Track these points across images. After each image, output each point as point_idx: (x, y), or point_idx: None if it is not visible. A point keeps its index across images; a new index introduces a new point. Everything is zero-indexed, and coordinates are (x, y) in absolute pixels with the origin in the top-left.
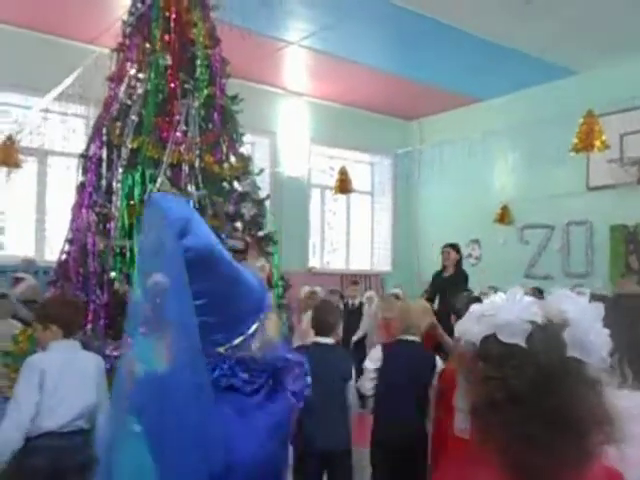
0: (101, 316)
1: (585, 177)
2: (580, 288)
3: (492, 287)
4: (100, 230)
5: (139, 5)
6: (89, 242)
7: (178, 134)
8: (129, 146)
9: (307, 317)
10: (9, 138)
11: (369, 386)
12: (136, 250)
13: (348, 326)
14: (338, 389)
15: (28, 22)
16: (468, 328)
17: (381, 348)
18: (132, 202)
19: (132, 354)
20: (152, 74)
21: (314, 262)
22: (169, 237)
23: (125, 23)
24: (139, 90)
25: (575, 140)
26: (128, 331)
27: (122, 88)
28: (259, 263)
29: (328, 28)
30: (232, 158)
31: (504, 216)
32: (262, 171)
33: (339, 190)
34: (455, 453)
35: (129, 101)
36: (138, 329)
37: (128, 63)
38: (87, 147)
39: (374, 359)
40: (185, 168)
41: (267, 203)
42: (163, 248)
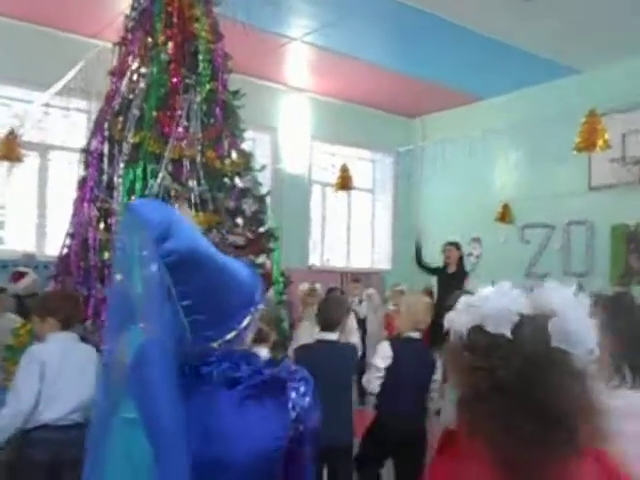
0: (102, 310)
1: (587, 176)
2: (580, 282)
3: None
4: (101, 225)
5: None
6: (90, 237)
7: (180, 129)
8: (130, 141)
9: (308, 314)
10: (11, 132)
11: (377, 383)
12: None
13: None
14: (343, 386)
15: (30, 15)
16: (456, 319)
17: (389, 345)
18: (133, 197)
19: (125, 345)
20: (154, 69)
21: (314, 259)
22: (149, 245)
23: (127, 17)
24: (141, 84)
25: (577, 139)
26: (123, 324)
27: (124, 82)
28: (260, 259)
29: (330, 25)
30: (233, 154)
31: (505, 215)
32: (264, 167)
33: (340, 187)
34: (446, 446)
35: (131, 95)
36: (137, 323)
37: (130, 57)
38: (88, 142)
39: (384, 357)
40: (186, 163)
41: (268, 199)
42: (140, 256)
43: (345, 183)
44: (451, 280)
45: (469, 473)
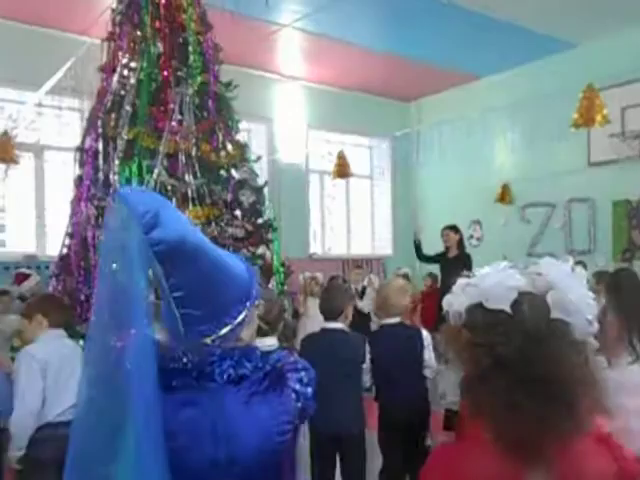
0: None
1: (586, 153)
2: (583, 260)
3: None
4: (100, 223)
5: None
6: (89, 235)
7: (173, 123)
8: (125, 137)
9: (311, 303)
10: (5, 134)
11: (365, 378)
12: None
13: (354, 310)
14: (350, 373)
15: (16, 14)
16: (453, 300)
17: (366, 340)
18: None
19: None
20: (144, 63)
21: (315, 248)
22: (135, 234)
23: (114, 11)
24: (132, 80)
25: (575, 115)
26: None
27: (115, 78)
28: (259, 251)
29: (321, 9)
30: (229, 146)
31: (505, 195)
32: (259, 158)
33: (338, 175)
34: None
35: (122, 91)
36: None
37: (120, 53)
38: (83, 140)
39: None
40: (182, 157)
41: (265, 190)
42: (126, 247)
43: (343, 171)
44: (453, 264)
45: (470, 458)
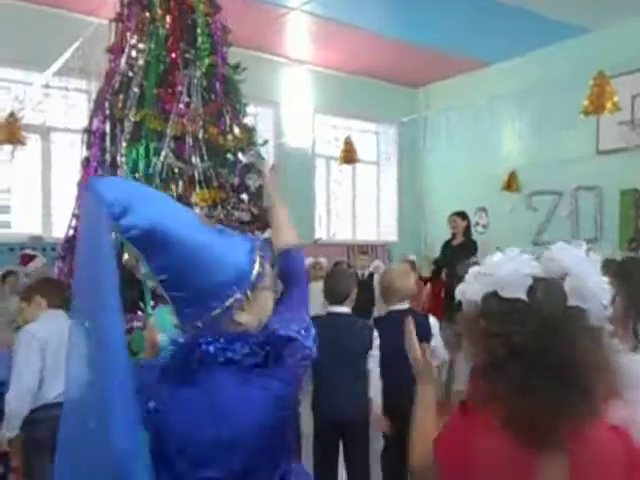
0: None
1: (595, 141)
2: (589, 248)
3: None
4: None
5: None
6: None
7: (181, 105)
8: (132, 119)
9: (313, 288)
10: (11, 115)
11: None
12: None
13: (359, 296)
14: (355, 359)
15: None
16: (467, 288)
17: (374, 323)
18: (137, 175)
19: (152, 325)
20: (152, 44)
21: (320, 233)
22: (102, 222)
23: None
24: (140, 61)
25: (585, 102)
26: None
27: (122, 60)
28: (266, 234)
29: None
30: (236, 129)
31: (511, 183)
32: (266, 142)
33: (344, 160)
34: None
35: (130, 73)
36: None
37: (128, 34)
38: (90, 122)
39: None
40: (189, 140)
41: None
42: (96, 235)
43: (349, 156)
44: (458, 251)
45: (484, 441)
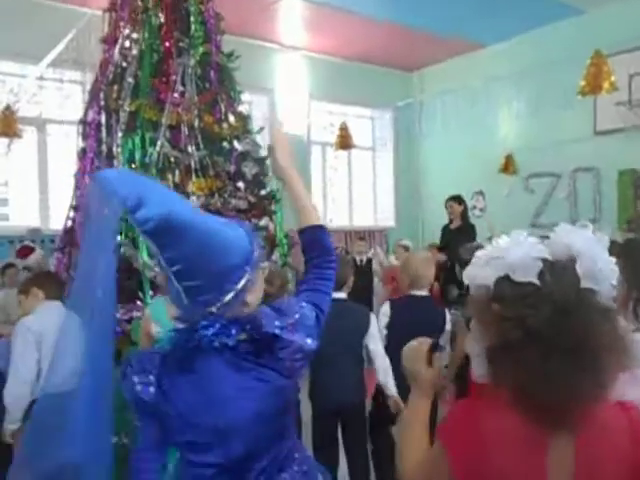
0: None
1: (592, 121)
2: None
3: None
4: None
5: None
6: None
7: (176, 95)
8: (127, 109)
9: None
10: (7, 108)
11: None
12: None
13: (357, 283)
14: (353, 344)
15: None
16: (477, 273)
17: (389, 304)
18: (134, 166)
19: (148, 316)
20: (146, 34)
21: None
22: (115, 216)
23: None
24: (134, 51)
25: (582, 82)
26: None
27: (116, 50)
28: (262, 222)
29: None
30: (231, 117)
31: (508, 166)
32: (262, 129)
33: (340, 146)
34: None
35: (124, 63)
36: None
37: (121, 23)
38: (85, 113)
39: (383, 314)
40: (184, 129)
41: (268, 162)
42: (110, 228)
43: (345, 142)
44: (456, 235)
45: (494, 420)
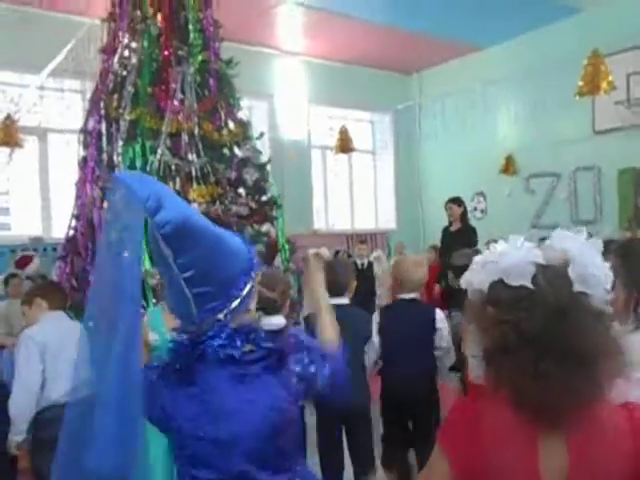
0: None
1: (591, 121)
2: (588, 230)
3: (491, 241)
4: (105, 204)
5: None
6: (95, 216)
7: (175, 103)
8: (127, 118)
9: None
10: (8, 117)
11: (372, 355)
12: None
13: (359, 287)
14: (355, 348)
15: None
16: (473, 277)
17: (379, 311)
18: None
19: (145, 324)
20: (145, 42)
21: (319, 224)
22: (139, 217)
23: None
24: (133, 60)
25: (580, 83)
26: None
27: (115, 59)
28: (264, 228)
29: None
30: (230, 124)
31: (509, 167)
32: (262, 135)
33: (340, 150)
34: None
35: (124, 72)
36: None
37: (120, 33)
38: (86, 122)
39: (374, 323)
40: (184, 137)
41: (268, 167)
42: (131, 229)
43: (345, 146)
44: (455, 238)
45: (491, 417)
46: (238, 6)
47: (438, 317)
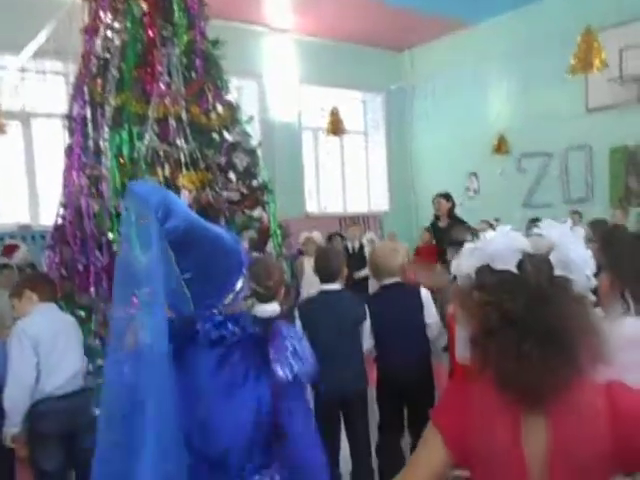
0: (103, 278)
1: (584, 98)
2: (579, 210)
3: (485, 221)
4: (93, 192)
5: None
6: (83, 205)
7: (161, 86)
8: (113, 103)
9: (307, 263)
10: None
11: (368, 342)
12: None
13: (350, 268)
14: (350, 332)
15: None
16: (462, 263)
17: (366, 300)
18: (122, 161)
19: (138, 318)
20: (128, 23)
21: (311, 206)
22: (154, 225)
23: None
24: (116, 42)
25: (573, 61)
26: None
27: (98, 41)
28: (256, 213)
29: None
30: (219, 107)
31: (501, 146)
32: (251, 119)
33: (331, 132)
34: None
35: (107, 54)
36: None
37: (101, 12)
38: (70, 107)
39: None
40: (172, 122)
41: (259, 151)
42: (149, 234)
43: (336, 128)
44: (444, 234)
45: (477, 398)
46: None
47: (423, 294)
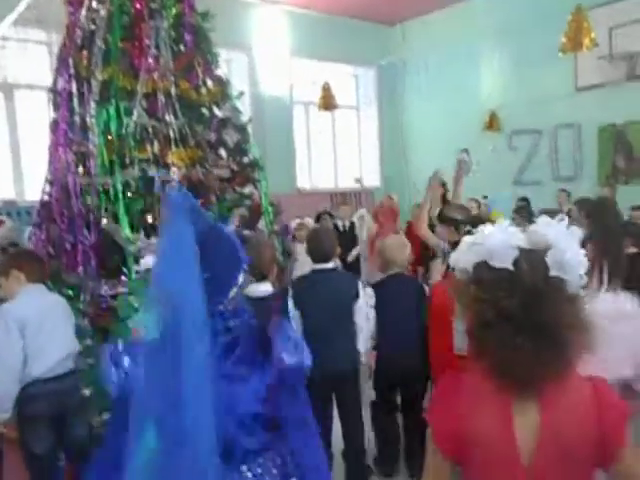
0: (91, 257)
1: (573, 77)
2: (567, 189)
3: (473, 199)
4: (80, 169)
5: None
6: (70, 182)
7: (150, 60)
8: (99, 77)
9: (299, 249)
10: None
11: (367, 332)
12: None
13: (342, 248)
14: (344, 312)
15: None
16: (460, 257)
17: (371, 287)
18: (110, 137)
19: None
20: None
21: (302, 182)
22: (190, 230)
23: None
24: (102, 12)
25: (563, 40)
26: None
27: (83, 12)
28: (247, 190)
29: None
30: (209, 82)
31: (492, 123)
32: (242, 94)
33: (323, 107)
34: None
35: (93, 26)
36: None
37: None
38: (54, 81)
39: (369, 297)
40: (161, 97)
41: (250, 127)
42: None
43: (328, 103)
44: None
45: (470, 386)
46: None
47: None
